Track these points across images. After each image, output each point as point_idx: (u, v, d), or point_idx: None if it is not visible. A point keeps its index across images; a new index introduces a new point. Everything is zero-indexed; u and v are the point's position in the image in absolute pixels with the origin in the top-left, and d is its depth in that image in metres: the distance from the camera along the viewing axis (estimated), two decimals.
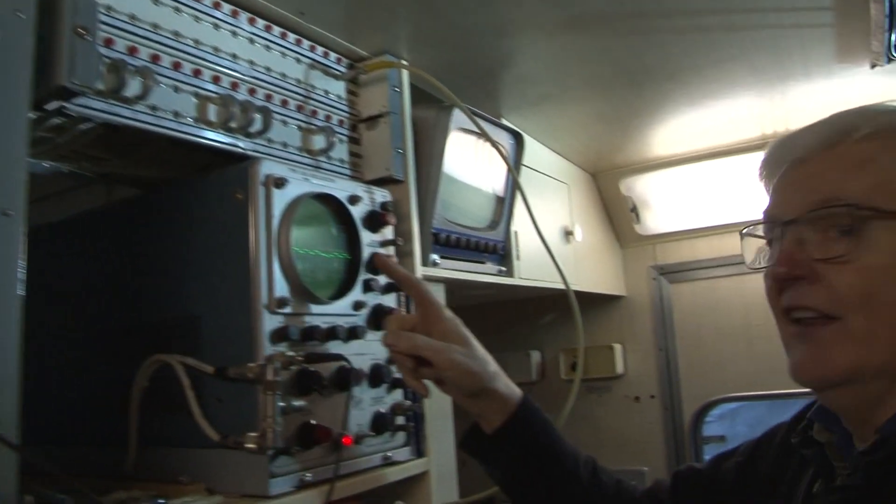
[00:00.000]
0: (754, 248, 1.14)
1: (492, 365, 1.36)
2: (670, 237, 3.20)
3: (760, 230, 1.12)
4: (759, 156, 1.12)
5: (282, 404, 1.15)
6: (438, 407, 1.63)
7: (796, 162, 1.05)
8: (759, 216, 1.11)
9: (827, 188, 0.98)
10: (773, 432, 1.28)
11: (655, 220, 3.19)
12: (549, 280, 2.17)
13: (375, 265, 1.42)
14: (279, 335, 1.22)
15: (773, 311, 1.07)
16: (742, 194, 2.89)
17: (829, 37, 1.85)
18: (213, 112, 1.27)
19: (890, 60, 1.95)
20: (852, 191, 0.95)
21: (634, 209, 3.14)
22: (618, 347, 3.19)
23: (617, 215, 3.19)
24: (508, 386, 1.37)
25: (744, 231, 1.16)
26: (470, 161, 1.91)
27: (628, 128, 2.54)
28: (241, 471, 1.19)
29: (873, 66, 2.00)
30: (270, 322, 1.21)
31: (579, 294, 2.77)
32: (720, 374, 3.05)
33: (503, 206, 2.04)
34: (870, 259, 0.94)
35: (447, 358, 1.28)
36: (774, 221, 1.05)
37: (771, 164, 1.11)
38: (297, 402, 1.19)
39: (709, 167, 2.90)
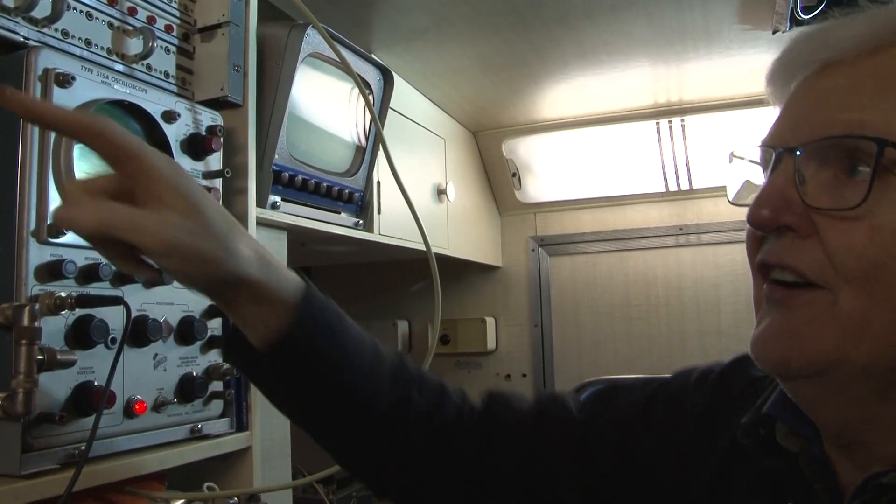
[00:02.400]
0: (742, 178, 0.89)
1: (241, 243, 0.87)
2: (552, 206, 3.07)
3: (757, 154, 0.85)
4: (651, 125, 0.88)
5: (40, 357, 0.90)
6: None
7: (820, 67, 0.78)
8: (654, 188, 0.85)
9: (853, 110, 0.72)
10: (697, 386, 0.99)
11: (538, 187, 3.06)
12: (413, 240, 1.97)
13: None
14: (50, 271, 0.96)
15: (750, 264, 0.83)
16: (632, 165, 2.79)
17: None
18: None
19: (793, 25, 1.83)
20: (889, 120, 0.70)
21: (516, 174, 2.99)
22: (490, 321, 3.04)
23: (497, 180, 3.02)
24: (278, 275, 0.91)
25: (735, 151, 0.89)
26: (327, 99, 1.68)
27: (514, 81, 2.36)
28: None
29: (775, 31, 1.88)
30: (39, 254, 0.96)
31: (451, 260, 2.63)
32: (595, 354, 2.97)
33: (364, 150, 1.82)
34: (891, 218, 0.69)
35: (156, 237, 0.77)
36: (773, 146, 0.79)
37: (786, 69, 0.84)
38: (65, 357, 0.94)
39: (598, 133, 2.79)
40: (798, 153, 0.74)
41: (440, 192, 2.42)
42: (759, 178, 0.85)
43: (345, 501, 2.76)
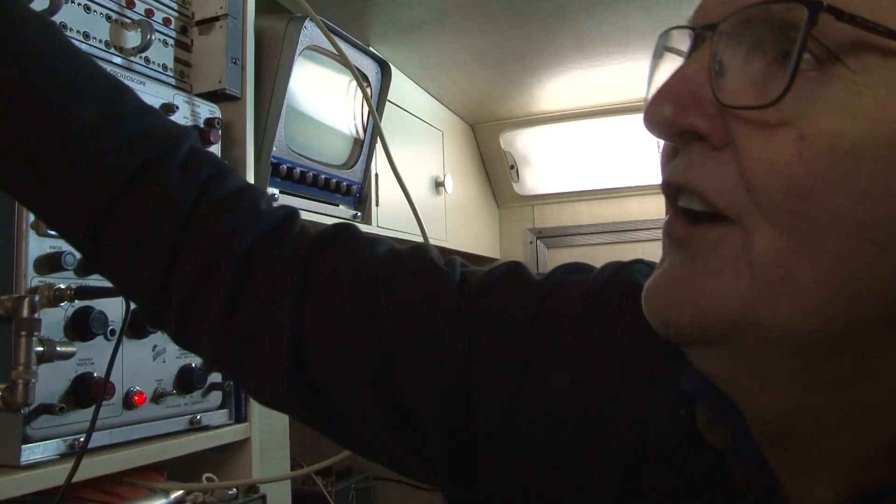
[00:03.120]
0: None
1: None
2: (550, 199, 3.05)
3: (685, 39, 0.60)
4: None
5: (40, 349, 0.90)
6: None
7: None
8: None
9: None
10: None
11: (535, 179, 3.04)
12: (411, 232, 1.97)
13: None
14: (49, 263, 0.97)
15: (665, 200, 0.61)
16: (630, 157, 2.77)
17: None
18: None
19: None
20: None
21: (514, 166, 2.98)
22: None
23: (495, 172, 3.01)
24: None
25: (659, 45, 0.62)
26: (325, 91, 1.68)
27: (511, 73, 2.35)
28: None
29: None
30: (38, 246, 0.96)
31: (449, 253, 2.61)
32: None
33: (363, 143, 1.82)
34: (830, 124, 0.46)
35: None
36: (693, 26, 0.55)
37: None
38: (64, 349, 0.94)
39: (596, 126, 2.77)
40: (716, 31, 0.52)
41: (438, 185, 2.42)
42: None
43: (343, 493, 2.77)
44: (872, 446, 0.52)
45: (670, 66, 0.59)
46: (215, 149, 1.26)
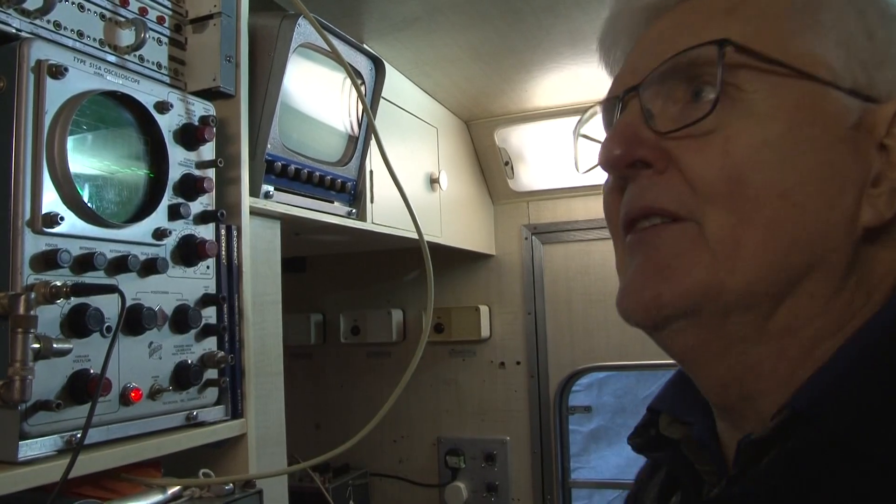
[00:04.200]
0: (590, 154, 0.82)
1: None
2: (545, 195, 3.06)
3: (599, 126, 0.82)
4: None
5: (36, 346, 0.91)
6: (264, 362, 1.42)
7: (644, 24, 0.77)
8: None
9: (694, 32, 0.68)
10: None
11: (530, 176, 3.05)
12: (406, 229, 1.98)
13: None
14: (45, 261, 0.97)
15: (610, 231, 0.79)
16: None
17: None
18: None
19: None
20: (720, 32, 0.66)
21: (508, 163, 2.99)
22: (484, 309, 3.04)
23: (490, 168, 3.02)
24: None
25: (578, 129, 0.87)
26: (319, 89, 1.69)
27: (505, 70, 2.36)
28: None
29: None
30: (34, 244, 0.97)
31: (445, 249, 2.63)
32: (589, 341, 2.96)
33: (357, 140, 1.82)
34: (743, 127, 0.65)
35: None
36: (616, 95, 0.75)
37: (613, 37, 0.83)
38: (61, 345, 0.95)
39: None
40: (640, 90, 0.70)
41: (433, 181, 2.42)
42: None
43: (341, 489, 2.79)
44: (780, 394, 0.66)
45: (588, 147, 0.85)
46: (210, 146, 1.26)
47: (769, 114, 0.64)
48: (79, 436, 0.98)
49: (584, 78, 2.43)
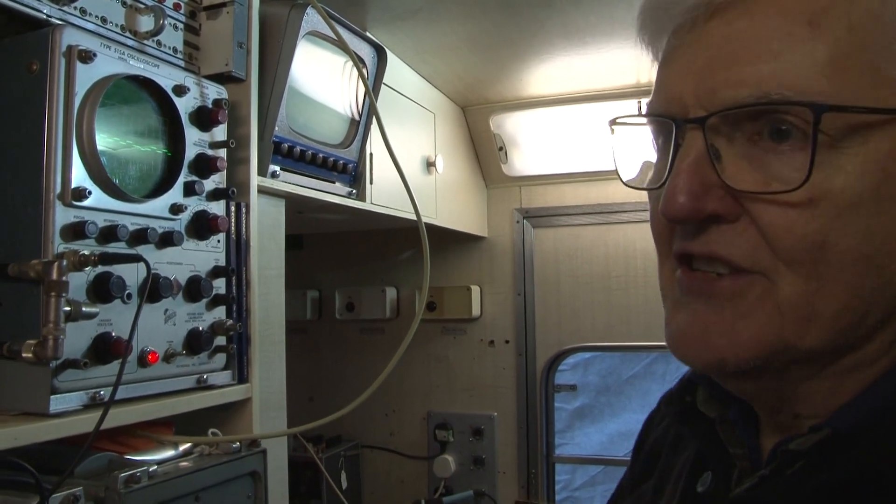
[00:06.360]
0: (632, 152, 0.78)
1: None
2: (537, 180, 3.13)
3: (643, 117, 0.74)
4: (633, 103, 0.78)
5: (67, 309, 1.00)
6: (268, 331, 1.51)
7: (705, 12, 0.65)
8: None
9: (764, 60, 0.60)
10: (660, 406, 0.92)
11: (523, 161, 3.12)
12: (403, 210, 2.06)
13: None
14: (74, 231, 1.06)
15: (657, 248, 0.73)
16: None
17: None
18: None
19: None
20: (804, 73, 0.58)
21: (503, 148, 3.06)
22: (475, 289, 3.13)
23: (484, 153, 3.09)
24: None
25: (616, 118, 0.78)
26: (324, 74, 1.77)
27: (501, 59, 2.43)
28: (18, 385, 1.03)
29: None
30: (64, 215, 1.05)
31: (439, 230, 2.71)
32: (576, 322, 3.05)
33: (359, 123, 1.90)
34: (832, 188, 0.58)
35: None
36: (671, 117, 0.66)
37: (659, 18, 0.71)
38: (89, 309, 1.04)
39: (581, 111, 2.85)
40: (706, 125, 0.63)
41: (429, 165, 2.49)
42: (649, 151, 0.75)
43: (333, 460, 2.87)
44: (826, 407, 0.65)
45: (624, 140, 0.79)
46: (222, 128, 1.34)
47: (860, 171, 0.58)
48: (103, 393, 1.07)
49: (577, 68, 2.50)
